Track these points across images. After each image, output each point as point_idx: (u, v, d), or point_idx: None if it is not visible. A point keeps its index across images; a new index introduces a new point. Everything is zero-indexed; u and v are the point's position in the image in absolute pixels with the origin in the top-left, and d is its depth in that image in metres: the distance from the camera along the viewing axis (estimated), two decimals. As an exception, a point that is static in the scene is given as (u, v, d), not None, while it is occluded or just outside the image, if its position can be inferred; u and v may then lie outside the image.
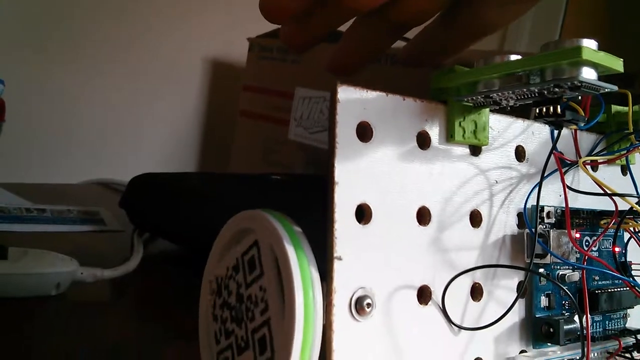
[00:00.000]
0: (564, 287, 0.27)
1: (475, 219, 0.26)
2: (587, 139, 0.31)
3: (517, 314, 0.27)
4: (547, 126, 0.29)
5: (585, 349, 0.25)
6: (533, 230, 0.26)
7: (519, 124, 0.28)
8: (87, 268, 0.49)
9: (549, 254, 0.26)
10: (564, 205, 0.28)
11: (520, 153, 0.28)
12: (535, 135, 0.28)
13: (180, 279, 0.51)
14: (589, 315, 0.26)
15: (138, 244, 0.56)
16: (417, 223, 0.24)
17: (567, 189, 0.26)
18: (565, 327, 0.27)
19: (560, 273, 0.28)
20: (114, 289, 0.51)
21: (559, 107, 0.24)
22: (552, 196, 0.29)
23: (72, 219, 0.64)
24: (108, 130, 0.82)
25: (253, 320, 0.23)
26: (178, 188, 0.60)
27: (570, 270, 0.28)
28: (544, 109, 0.24)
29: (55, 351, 0.38)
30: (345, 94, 0.22)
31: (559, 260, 0.26)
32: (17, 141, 0.74)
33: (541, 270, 0.28)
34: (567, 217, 0.26)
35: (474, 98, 0.25)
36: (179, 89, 0.88)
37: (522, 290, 0.26)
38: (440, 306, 0.25)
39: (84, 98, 0.80)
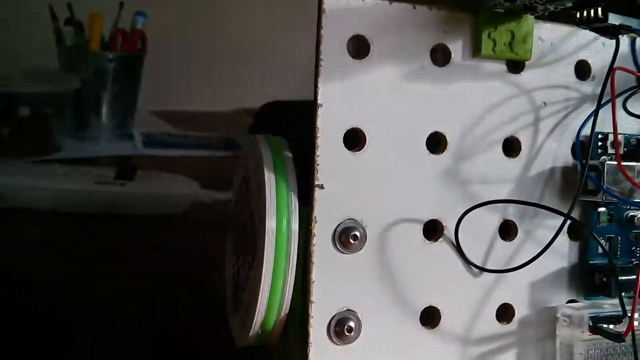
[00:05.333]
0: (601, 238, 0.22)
1: (511, 147, 0.23)
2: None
3: (566, 259, 0.24)
4: (625, 37, 0.23)
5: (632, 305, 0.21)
6: (584, 161, 0.22)
7: (584, 34, 0.23)
8: (207, 191, 0.52)
9: (602, 191, 0.22)
10: (637, 134, 0.23)
11: (583, 69, 0.23)
12: (606, 47, 0.23)
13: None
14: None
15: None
16: (428, 151, 0.22)
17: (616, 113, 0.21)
18: (621, 277, 0.22)
19: (630, 214, 0.24)
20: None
21: (599, 9, 0.19)
22: (625, 122, 0.24)
23: (210, 145, 0.68)
24: (257, 56, 0.85)
25: (250, 245, 0.23)
26: (305, 115, 0.60)
27: (647, 212, 0.23)
28: (585, 14, 0.19)
29: (177, 264, 0.41)
30: (334, 2, 0.20)
31: (613, 199, 0.22)
32: (166, 69, 0.79)
33: (602, 209, 0.23)
34: (617, 146, 0.21)
35: (501, 2, 0.21)
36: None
37: (557, 232, 0.22)
38: (454, 243, 0.22)
39: (229, 24, 0.83)
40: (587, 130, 0.23)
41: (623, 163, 0.22)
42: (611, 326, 0.22)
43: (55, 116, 0.61)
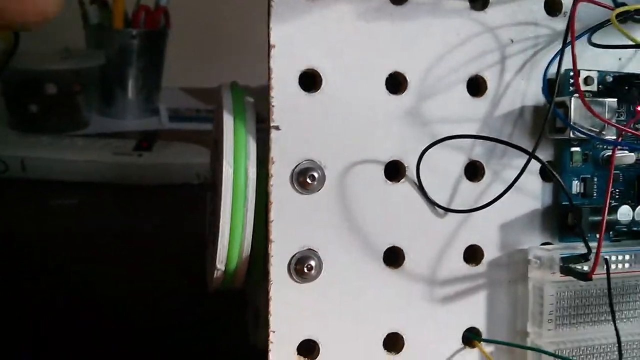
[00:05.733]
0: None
1: (476, 86, 0.22)
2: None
3: (539, 201, 0.23)
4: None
5: (597, 245, 0.20)
6: (550, 98, 0.22)
7: (554, -33, 0.23)
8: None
9: (568, 128, 0.21)
10: (617, 70, 0.23)
11: (554, 5, 0.23)
12: (580, -19, 0.23)
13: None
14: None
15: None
16: (387, 91, 0.21)
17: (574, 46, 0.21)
18: (590, 217, 0.22)
19: (607, 154, 0.23)
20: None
21: None
22: (603, 59, 0.23)
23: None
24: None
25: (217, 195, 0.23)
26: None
27: (625, 151, 0.23)
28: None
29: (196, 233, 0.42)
30: (285, -55, 0.20)
31: (582, 136, 0.21)
32: (192, 46, 0.80)
33: (576, 149, 0.23)
34: (576, 80, 0.21)
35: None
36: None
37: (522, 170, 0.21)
38: (416, 183, 0.22)
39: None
40: (556, 68, 0.22)
41: (597, 99, 0.22)
42: (585, 267, 0.22)
43: (82, 93, 0.63)
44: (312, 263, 0.21)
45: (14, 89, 0.61)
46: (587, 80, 0.22)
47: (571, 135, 0.21)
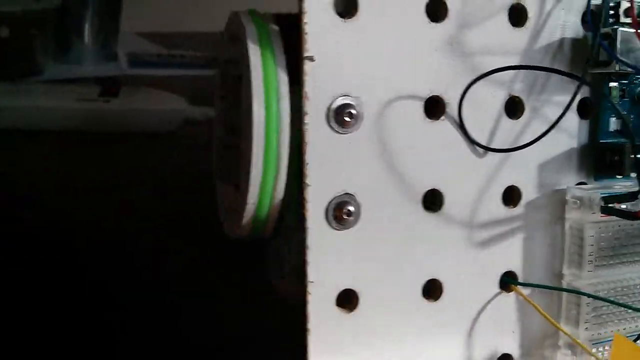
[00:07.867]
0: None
1: (517, 15, 0.21)
2: None
3: (575, 139, 0.22)
4: None
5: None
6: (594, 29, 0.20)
7: None
8: (197, 107, 0.50)
9: (614, 61, 0.20)
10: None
11: None
12: None
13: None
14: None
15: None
16: (427, 19, 0.20)
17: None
18: (632, 155, 0.21)
19: (644, 89, 0.22)
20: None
21: None
22: (643, -13, 0.22)
23: (199, 64, 0.66)
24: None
25: (238, 131, 0.21)
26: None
27: (663, 86, 0.22)
28: None
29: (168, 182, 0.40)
30: None
31: (628, 69, 0.20)
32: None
33: (613, 84, 0.22)
34: (632, 9, 0.20)
35: None
36: None
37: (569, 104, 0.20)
38: (457, 120, 0.20)
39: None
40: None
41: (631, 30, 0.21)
42: (624, 206, 0.21)
43: (37, 37, 0.59)
44: (351, 208, 0.19)
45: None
46: (628, 11, 0.21)
47: (617, 68, 0.20)
